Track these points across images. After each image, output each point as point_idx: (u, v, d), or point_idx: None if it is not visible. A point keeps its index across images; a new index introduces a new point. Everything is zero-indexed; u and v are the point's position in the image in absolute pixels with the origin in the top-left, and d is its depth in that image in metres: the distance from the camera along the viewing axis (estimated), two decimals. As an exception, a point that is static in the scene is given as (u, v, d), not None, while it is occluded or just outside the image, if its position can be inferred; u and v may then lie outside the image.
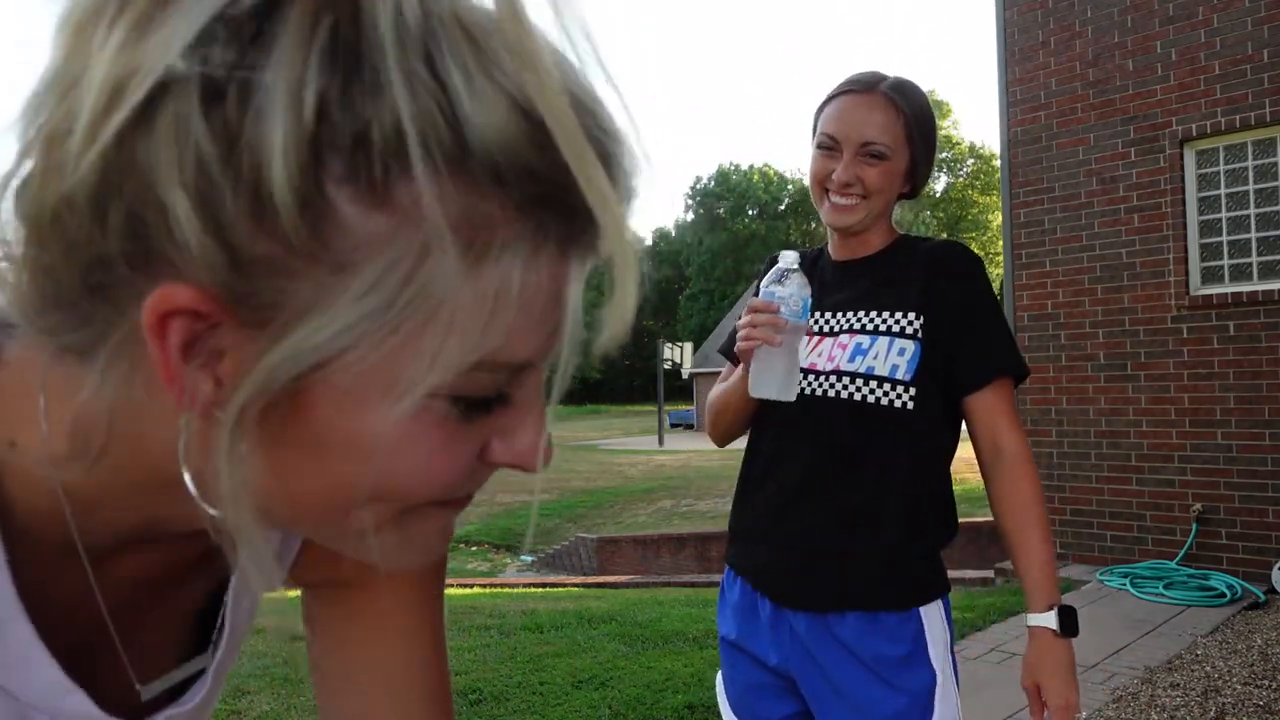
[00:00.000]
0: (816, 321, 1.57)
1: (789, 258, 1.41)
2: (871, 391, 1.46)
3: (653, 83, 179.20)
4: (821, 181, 1.53)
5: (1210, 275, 5.86)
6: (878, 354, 1.47)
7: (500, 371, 0.38)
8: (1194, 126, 5.78)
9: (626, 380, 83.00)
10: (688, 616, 5.11)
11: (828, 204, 1.53)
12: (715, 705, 3.75)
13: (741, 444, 1.67)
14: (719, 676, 1.66)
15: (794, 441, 1.51)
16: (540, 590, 8.45)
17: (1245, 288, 5.65)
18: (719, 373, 1.72)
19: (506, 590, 8.55)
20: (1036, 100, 6.44)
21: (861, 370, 1.47)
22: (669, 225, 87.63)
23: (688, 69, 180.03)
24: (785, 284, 1.39)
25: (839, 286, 1.59)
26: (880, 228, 1.58)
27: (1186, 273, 5.83)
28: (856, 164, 1.49)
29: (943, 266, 1.51)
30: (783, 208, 70.44)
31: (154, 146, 0.31)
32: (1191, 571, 5.44)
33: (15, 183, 0.35)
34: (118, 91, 0.31)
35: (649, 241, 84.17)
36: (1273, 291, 5.50)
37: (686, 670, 3.92)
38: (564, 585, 9.67)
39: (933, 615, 1.47)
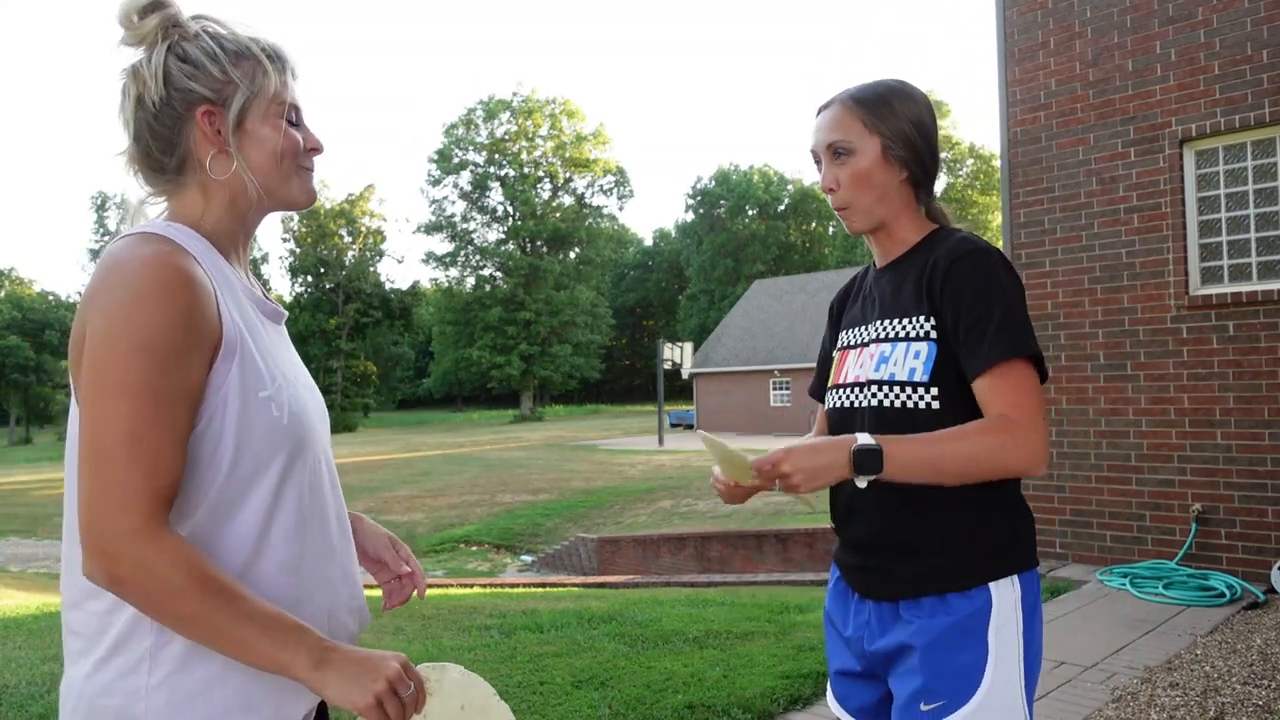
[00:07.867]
0: (851, 335, 1.67)
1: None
2: (896, 396, 1.51)
3: (653, 83, 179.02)
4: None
5: (1210, 275, 5.86)
6: (897, 360, 1.52)
7: (290, 110, 1.23)
8: (1193, 126, 5.79)
9: (626, 380, 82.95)
10: (687, 616, 5.11)
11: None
12: (715, 704, 3.74)
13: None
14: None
15: None
16: (540, 590, 8.45)
17: (1245, 288, 5.66)
18: (719, 373, 1.76)
19: (506, 590, 8.55)
20: (1036, 100, 6.45)
21: (885, 378, 1.52)
22: (669, 225, 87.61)
23: (688, 69, 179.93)
24: None
25: (872, 296, 1.65)
26: (903, 222, 1.59)
27: (1186, 273, 5.83)
28: (832, 168, 1.57)
29: (942, 263, 1.49)
30: (782, 208, 70.39)
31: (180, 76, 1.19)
32: (1191, 571, 5.44)
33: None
34: (160, 68, 1.19)
35: (649, 242, 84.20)
36: (1272, 291, 5.50)
37: (686, 670, 3.92)
38: (564, 585, 9.68)
39: (1002, 592, 1.46)
